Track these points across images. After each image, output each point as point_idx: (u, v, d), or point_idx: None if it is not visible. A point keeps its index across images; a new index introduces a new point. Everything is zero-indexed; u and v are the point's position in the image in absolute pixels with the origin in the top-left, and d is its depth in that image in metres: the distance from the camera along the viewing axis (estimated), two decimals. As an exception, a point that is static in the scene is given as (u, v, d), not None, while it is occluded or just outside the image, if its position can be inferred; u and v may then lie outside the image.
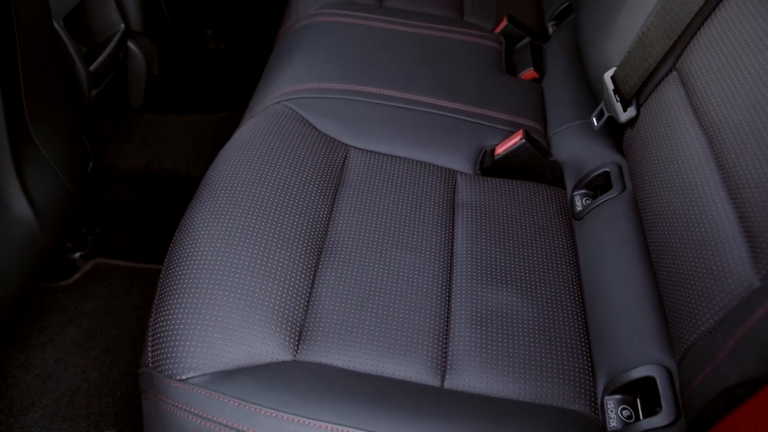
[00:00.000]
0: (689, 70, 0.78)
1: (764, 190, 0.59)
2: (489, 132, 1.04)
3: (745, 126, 0.64)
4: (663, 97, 0.82)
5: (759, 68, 0.65)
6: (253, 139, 0.92)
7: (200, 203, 0.85)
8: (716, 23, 0.74)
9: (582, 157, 1.01)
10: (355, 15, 1.24)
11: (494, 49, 1.23)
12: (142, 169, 1.42)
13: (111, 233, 1.35)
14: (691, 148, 0.72)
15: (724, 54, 0.71)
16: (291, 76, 1.09)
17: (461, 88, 1.10)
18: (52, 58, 0.95)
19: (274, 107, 1.02)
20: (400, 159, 0.96)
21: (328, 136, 0.98)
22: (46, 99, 0.93)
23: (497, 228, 0.89)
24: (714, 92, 0.71)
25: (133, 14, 1.31)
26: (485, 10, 1.35)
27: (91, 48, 1.22)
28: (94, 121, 1.27)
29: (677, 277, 0.69)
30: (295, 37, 1.21)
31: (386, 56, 1.14)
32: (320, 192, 0.87)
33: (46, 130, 0.94)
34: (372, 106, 1.04)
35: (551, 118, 1.11)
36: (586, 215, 0.93)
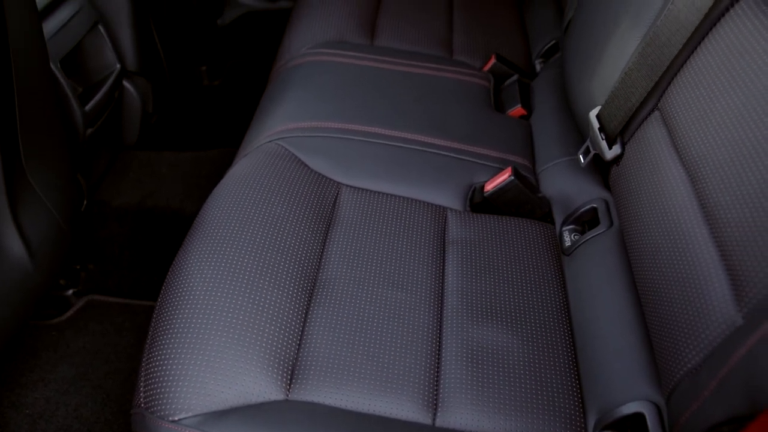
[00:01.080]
0: (670, 109, 0.80)
1: (744, 229, 0.60)
2: (478, 169, 1.06)
3: (725, 165, 0.66)
4: (646, 135, 0.84)
5: (735, 109, 0.67)
6: (246, 179, 0.94)
7: (193, 243, 0.86)
8: (695, 65, 0.77)
9: (570, 193, 1.03)
10: (346, 54, 1.27)
11: (483, 87, 1.25)
12: (135, 206, 1.43)
13: (104, 270, 1.35)
14: (674, 187, 0.74)
15: (703, 95, 0.73)
16: (283, 115, 1.11)
17: (451, 126, 1.12)
18: (48, 99, 0.96)
19: (267, 146, 1.04)
20: (391, 196, 0.98)
21: (320, 174, 0.99)
22: (42, 139, 0.95)
23: (487, 264, 0.90)
24: (694, 132, 0.73)
25: (129, 54, 1.33)
26: (474, 49, 1.38)
27: (87, 88, 1.24)
28: (88, 159, 1.29)
29: (663, 313, 0.70)
30: (287, 76, 1.24)
31: (377, 95, 1.16)
32: (312, 230, 0.88)
33: (42, 169, 0.95)
34: (363, 145, 1.06)
35: (539, 154, 1.13)
36: (575, 251, 0.94)
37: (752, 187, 0.61)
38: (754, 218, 0.59)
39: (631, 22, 0.91)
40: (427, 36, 1.39)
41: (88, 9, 1.18)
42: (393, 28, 1.40)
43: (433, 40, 1.39)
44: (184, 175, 1.52)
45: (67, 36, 1.12)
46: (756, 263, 0.58)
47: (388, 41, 1.36)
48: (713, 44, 0.75)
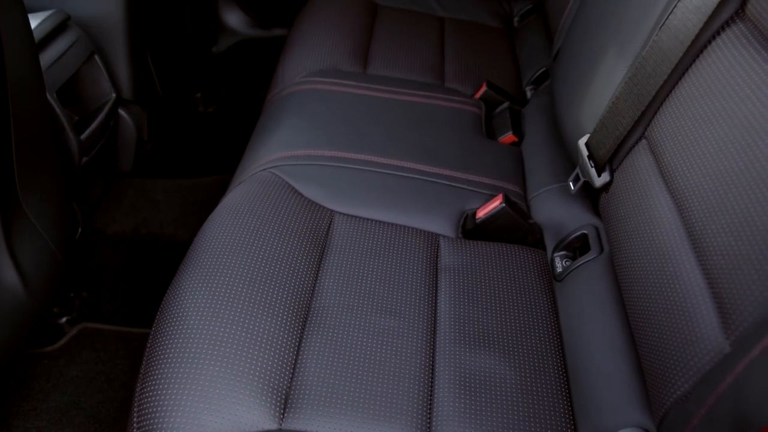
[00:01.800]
0: (657, 138, 0.81)
1: (730, 257, 0.61)
2: (470, 196, 1.07)
3: (710, 194, 0.67)
4: (634, 163, 0.86)
5: (719, 139, 0.68)
6: (239, 207, 0.95)
7: (187, 271, 0.86)
8: (680, 95, 0.79)
9: (561, 220, 1.04)
10: (340, 83, 1.29)
11: (474, 114, 1.27)
12: (130, 233, 1.43)
13: (98, 297, 1.35)
14: (662, 215, 0.75)
15: (688, 124, 0.75)
16: (277, 144, 1.12)
17: (443, 153, 1.13)
18: (44, 129, 0.97)
19: (261, 174, 1.05)
20: (383, 224, 0.99)
21: (313, 202, 1.00)
22: (37, 169, 0.95)
23: (480, 291, 0.91)
24: (680, 160, 0.74)
25: (125, 83, 1.35)
26: (465, 76, 1.40)
27: (83, 116, 1.26)
28: (83, 187, 1.29)
29: (653, 340, 0.71)
30: (281, 105, 1.25)
31: (370, 123, 1.18)
32: (305, 258, 0.89)
33: (37, 198, 0.95)
34: (357, 172, 1.07)
35: (530, 181, 1.14)
36: (566, 276, 0.95)
37: (736, 216, 0.62)
38: (739, 247, 0.61)
39: (618, 53, 0.93)
40: (419, 64, 1.42)
41: (85, 40, 1.20)
42: (385, 56, 1.42)
43: (425, 68, 1.41)
44: (178, 202, 1.52)
45: (63, 67, 1.13)
46: (741, 291, 0.59)
47: (381, 69, 1.38)
48: (697, 75, 0.76)
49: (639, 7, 0.91)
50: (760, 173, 0.61)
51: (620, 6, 0.97)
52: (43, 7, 1.18)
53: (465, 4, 1.70)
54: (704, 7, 0.75)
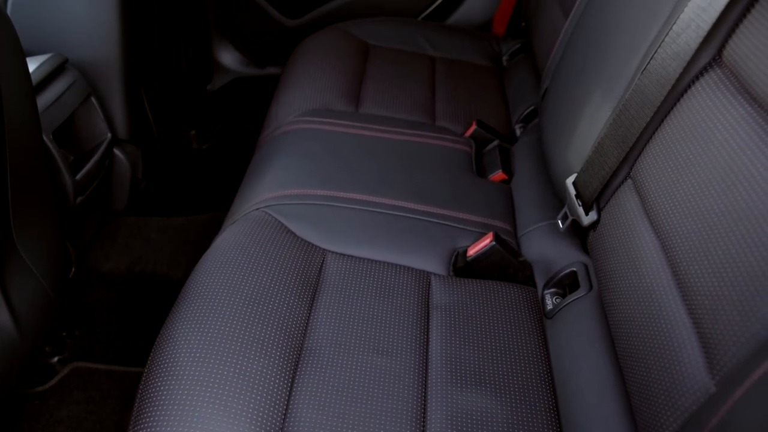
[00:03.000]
0: (641, 179, 0.83)
1: (713, 298, 0.63)
2: (461, 234, 1.08)
3: (693, 235, 0.69)
4: (620, 203, 0.88)
5: (700, 181, 0.70)
6: (232, 247, 0.96)
7: (180, 312, 0.87)
8: (662, 138, 0.81)
9: (551, 257, 1.05)
10: (332, 122, 1.31)
11: (465, 153, 1.29)
12: (124, 272, 1.44)
13: (91, 336, 1.35)
14: (647, 254, 0.77)
15: (671, 166, 0.77)
16: (270, 183, 1.14)
17: (434, 192, 1.15)
18: (40, 170, 0.99)
19: (254, 213, 1.06)
20: (375, 262, 1.00)
21: (306, 241, 1.01)
22: (32, 209, 0.96)
23: (471, 329, 0.91)
24: (664, 201, 0.76)
25: (120, 123, 1.37)
26: (456, 115, 1.43)
27: (79, 156, 1.27)
28: (77, 226, 1.30)
29: (641, 379, 0.71)
30: (274, 144, 1.27)
31: (362, 162, 1.20)
32: (298, 298, 0.90)
33: (31, 239, 0.96)
34: (349, 211, 1.08)
35: (520, 218, 1.16)
36: (557, 314, 0.96)
37: (718, 257, 0.63)
38: (721, 288, 0.62)
39: (603, 95, 0.96)
40: (411, 103, 1.44)
41: (82, 82, 1.22)
42: (377, 96, 1.45)
43: (417, 107, 1.43)
44: (172, 241, 1.53)
45: (60, 108, 1.15)
46: (725, 332, 0.60)
47: (373, 108, 1.41)
48: (678, 118, 0.79)
49: (622, 50, 0.94)
50: (740, 216, 0.62)
51: (604, 49, 1.00)
52: (43, 50, 1.21)
53: (455, 44, 1.74)
54: (683, 53, 0.77)
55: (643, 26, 0.89)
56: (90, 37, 1.23)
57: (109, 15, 1.21)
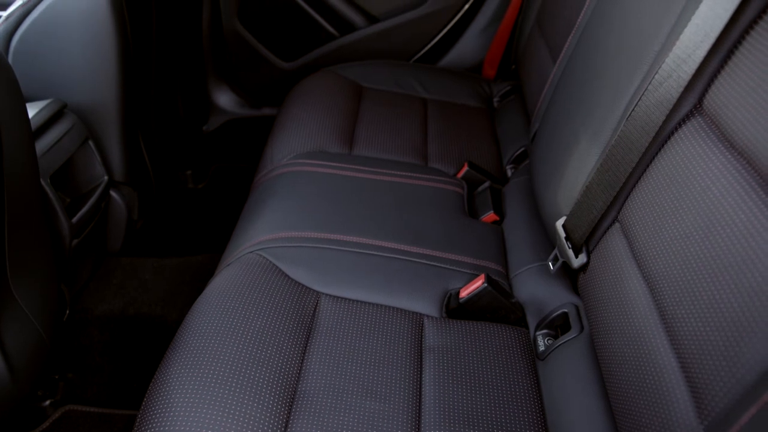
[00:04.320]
0: (629, 223, 0.85)
1: (700, 342, 0.64)
2: (453, 275, 1.09)
3: (679, 280, 0.70)
4: (609, 246, 0.89)
5: (684, 227, 0.72)
6: (227, 291, 0.97)
7: (175, 356, 0.87)
8: (647, 183, 0.83)
9: (542, 298, 1.06)
10: (326, 164, 1.33)
11: (457, 194, 1.31)
12: (118, 313, 1.44)
13: (84, 379, 1.34)
14: (635, 297, 0.78)
15: (656, 211, 0.79)
16: (265, 225, 1.15)
17: (426, 233, 1.17)
18: (37, 214, 1.00)
19: (248, 256, 1.07)
20: (369, 305, 1.01)
21: (300, 284, 1.02)
22: (28, 253, 0.97)
23: (464, 371, 0.92)
24: (650, 246, 0.78)
25: (117, 166, 1.38)
26: (448, 156, 1.45)
27: (75, 199, 1.28)
28: (72, 268, 1.31)
29: (632, 422, 0.72)
30: (269, 186, 1.29)
31: (356, 204, 1.22)
32: (292, 341, 0.90)
33: (26, 282, 0.97)
34: (342, 254, 1.10)
35: (512, 259, 1.17)
36: (549, 355, 0.97)
37: (703, 302, 0.65)
38: (707, 332, 0.63)
39: (590, 139, 0.98)
40: (403, 144, 1.47)
41: (79, 126, 1.24)
42: (370, 137, 1.47)
43: (409, 148, 1.46)
44: (167, 282, 1.54)
45: (58, 153, 1.17)
46: (712, 376, 0.61)
47: (366, 150, 1.43)
48: (662, 164, 0.81)
49: (607, 97, 0.97)
50: (723, 262, 0.64)
51: (590, 95, 1.03)
52: (43, 95, 1.23)
53: (447, 86, 1.78)
54: (665, 101, 0.80)
55: (627, 74, 0.92)
56: (89, 83, 1.26)
57: (108, 61, 1.23)
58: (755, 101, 0.67)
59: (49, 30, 1.18)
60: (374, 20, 1.97)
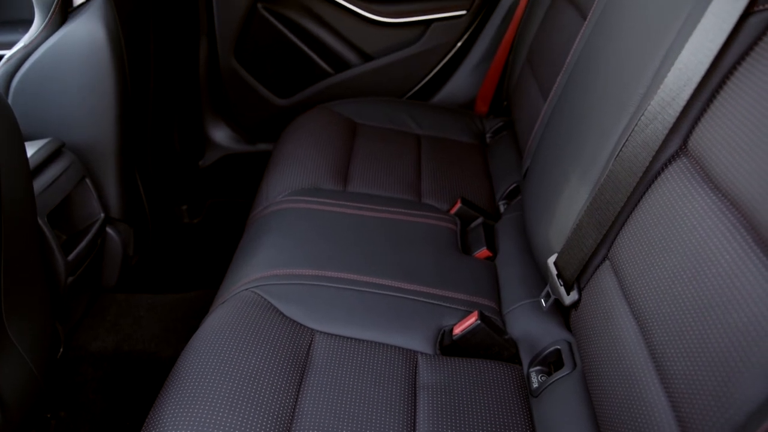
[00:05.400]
0: (618, 261, 0.86)
1: (690, 382, 0.65)
2: (447, 312, 1.10)
3: (668, 319, 0.71)
4: (599, 284, 0.90)
5: (672, 266, 0.73)
6: (222, 329, 0.97)
7: (169, 395, 0.87)
8: (636, 222, 0.84)
9: (535, 335, 1.07)
10: (320, 201, 1.34)
11: (450, 230, 1.33)
12: (112, 350, 1.44)
13: (76, 417, 1.34)
14: (626, 336, 0.79)
15: (645, 250, 0.80)
16: (259, 263, 1.16)
17: (420, 270, 1.18)
18: (33, 253, 1.00)
19: (243, 294, 1.08)
20: (363, 342, 1.01)
21: (294, 321, 1.03)
22: (23, 291, 0.98)
23: (458, 409, 0.92)
24: (640, 284, 0.79)
25: (113, 203, 1.39)
26: (441, 193, 1.47)
27: (71, 236, 1.29)
28: (67, 305, 1.31)
29: (625, 462, 0.73)
30: (264, 223, 1.30)
31: (350, 241, 1.23)
32: (286, 381, 0.91)
33: (21, 320, 0.97)
34: (336, 291, 1.10)
35: (505, 296, 1.18)
36: (542, 392, 0.97)
37: (692, 341, 0.66)
38: (697, 372, 0.64)
39: (580, 178, 1.00)
40: (397, 181, 1.49)
41: (77, 165, 1.25)
42: (364, 174, 1.49)
43: (403, 185, 1.48)
44: (161, 319, 1.54)
45: (55, 191, 1.18)
46: (702, 417, 0.61)
47: (360, 187, 1.45)
48: (650, 204, 0.82)
49: (596, 137, 0.99)
50: (710, 301, 0.65)
51: (578, 135, 1.06)
52: (41, 134, 1.25)
53: (440, 122, 1.81)
54: (651, 142, 0.82)
55: (614, 116, 0.94)
56: (87, 122, 1.28)
57: (107, 101, 1.25)
58: (736, 144, 0.69)
59: (50, 71, 1.20)
60: (368, 58, 2.01)
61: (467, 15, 1.95)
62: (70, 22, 1.19)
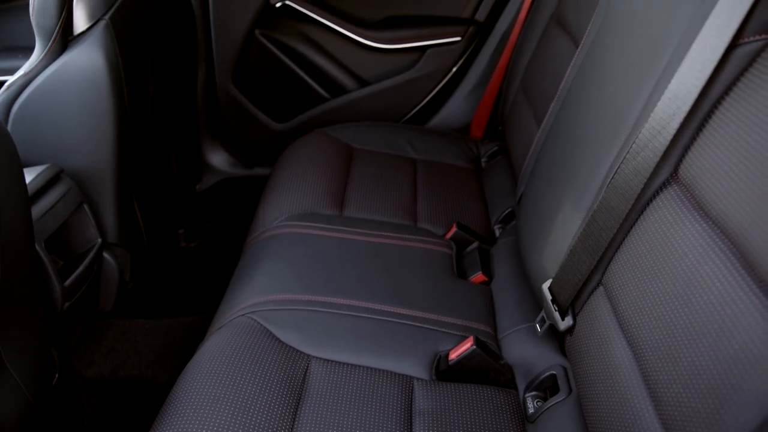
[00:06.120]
0: (612, 287, 0.87)
1: (682, 408, 0.65)
2: (443, 337, 1.10)
3: (661, 345, 0.72)
4: (593, 309, 0.91)
5: (664, 292, 0.74)
6: (218, 356, 0.97)
7: (165, 422, 0.87)
8: (628, 248, 0.85)
9: (531, 360, 1.07)
10: (317, 226, 1.35)
11: (446, 255, 1.34)
12: (107, 376, 1.43)
13: (70, 444, 1.33)
14: (620, 361, 0.79)
15: (637, 276, 0.81)
16: (256, 288, 1.17)
17: (416, 295, 1.18)
18: (29, 279, 1.01)
19: (239, 320, 1.08)
20: (359, 368, 1.01)
21: (290, 347, 1.03)
22: (19, 317, 0.98)
23: (454, 436, 0.92)
24: (633, 311, 0.80)
25: (111, 228, 1.40)
26: (437, 217, 1.48)
27: (68, 261, 1.29)
28: (63, 331, 1.31)
29: (621, 489, 0.73)
30: (261, 249, 1.31)
31: (346, 266, 1.23)
32: (282, 408, 0.91)
33: (16, 347, 0.97)
34: (332, 316, 1.11)
35: (500, 320, 1.19)
36: (538, 418, 0.97)
37: (685, 368, 0.66)
38: (689, 398, 0.64)
39: (573, 204, 1.01)
40: (393, 205, 1.50)
41: (75, 191, 1.26)
42: (361, 199, 1.50)
43: (399, 209, 1.49)
44: (157, 344, 1.54)
45: (53, 218, 1.18)
46: (695, 443, 0.62)
47: (356, 212, 1.46)
48: (642, 231, 0.83)
49: (588, 164, 1.00)
50: (702, 329, 0.66)
51: (570, 161, 1.07)
52: (40, 159, 1.26)
53: (435, 146, 1.82)
54: (642, 170, 0.83)
55: (606, 143, 0.96)
56: (86, 148, 1.29)
57: (106, 127, 1.27)
58: (725, 172, 0.70)
59: (50, 98, 1.22)
60: (365, 83, 2.03)
61: (462, 41, 1.98)
62: (71, 50, 1.21)
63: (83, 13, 1.22)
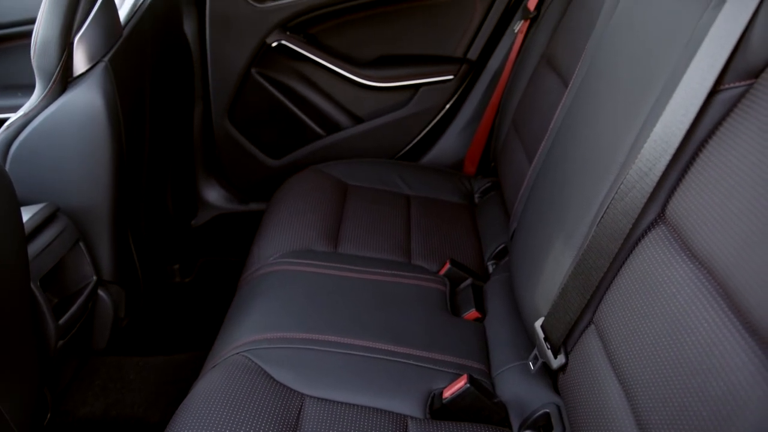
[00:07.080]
0: (603, 325, 0.88)
1: (673, 449, 0.66)
2: (436, 375, 1.11)
3: (652, 386, 0.72)
4: (585, 348, 0.92)
5: (655, 332, 0.75)
6: (212, 395, 0.97)
7: (157, 464, 0.87)
8: (618, 287, 0.86)
9: (524, 398, 1.07)
10: (312, 263, 1.36)
11: (439, 291, 1.34)
12: (100, 415, 1.42)
13: (61, 485, 1.31)
14: (612, 401, 0.80)
15: (628, 315, 0.82)
16: (250, 326, 1.17)
17: (410, 333, 1.18)
18: (24, 317, 1.01)
19: (234, 358, 1.08)
20: (353, 407, 1.01)
21: (284, 386, 1.03)
22: (11, 355, 0.97)
23: (448, 476, 0.92)
24: (624, 350, 0.80)
25: (106, 266, 1.40)
26: (430, 253, 1.49)
27: (63, 299, 1.29)
28: (56, 369, 1.30)
29: None
30: (255, 286, 1.32)
31: (340, 303, 1.24)
32: (275, 448, 0.91)
33: (8, 386, 0.96)
34: (327, 354, 1.11)
35: (494, 358, 1.19)
36: (533, 458, 0.97)
37: (674, 408, 0.67)
38: (679, 440, 0.65)
39: (564, 243, 1.03)
40: (387, 242, 1.51)
41: (71, 229, 1.27)
42: (355, 235, 1.51)
43: (393, 246, 1.50)
44: (151, 382, 1.53)
45: (49, 256, 1.19)
46: (686, 485, 0.62)
47: (351, 248, 1.47)
48: (631, 270, 0.85)
49: (579, 203, 1.02)
50: (691, 369, 0.67)
51: (560, 200, 1.09)
52: (37, 198, 1.27)
53: (429, 183, 1.84)
54: (630, 210, 0.85)
55: (595, 183, 0.98)
56: (83, 187, 1.30)
57: (103, 167, 1.28)
58: (709, 213, 0.72)
59: (48, 138, 1.23)
60: (359, 120, 2.06)
61: (455, 80, 2.02)
62: (70, 91, 1.23)
63: (83, 56, 1.24)
